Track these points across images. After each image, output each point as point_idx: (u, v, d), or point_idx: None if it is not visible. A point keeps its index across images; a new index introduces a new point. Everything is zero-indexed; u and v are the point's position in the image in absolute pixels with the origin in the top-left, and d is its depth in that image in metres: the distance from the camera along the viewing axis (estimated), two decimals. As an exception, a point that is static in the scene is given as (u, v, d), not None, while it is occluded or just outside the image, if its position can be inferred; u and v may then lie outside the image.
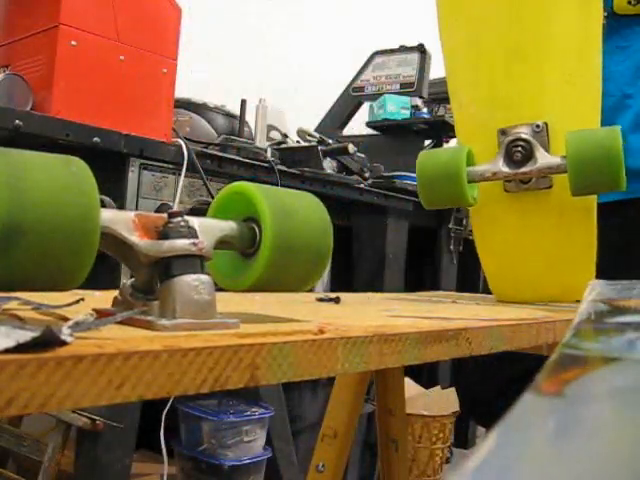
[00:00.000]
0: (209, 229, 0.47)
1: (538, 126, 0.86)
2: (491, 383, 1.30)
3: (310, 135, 2.04)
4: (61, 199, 0.37)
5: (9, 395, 0.28)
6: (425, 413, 2.15)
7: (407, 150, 2.56)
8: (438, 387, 2.29)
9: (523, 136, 0.85)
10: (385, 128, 2.58)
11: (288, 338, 0.40)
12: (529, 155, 0.85)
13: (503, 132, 0.88)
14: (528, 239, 0.91)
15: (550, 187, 0.87)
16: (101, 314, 0.42)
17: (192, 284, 0.43)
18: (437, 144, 2.80)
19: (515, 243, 0.93)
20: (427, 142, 2.74)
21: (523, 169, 0.85)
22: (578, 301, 0.84)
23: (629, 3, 1.11)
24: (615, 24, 1.11)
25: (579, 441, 0.20)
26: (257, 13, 2.76)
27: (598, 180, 0.80)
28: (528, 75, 0.88)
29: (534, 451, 0.19)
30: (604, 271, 0.87)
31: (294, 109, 2.20)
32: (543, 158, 0.85)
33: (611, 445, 0.20)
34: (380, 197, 2.04)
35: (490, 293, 0.99)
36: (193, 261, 0.44)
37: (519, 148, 0.85)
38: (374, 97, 2.65)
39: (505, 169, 0.85)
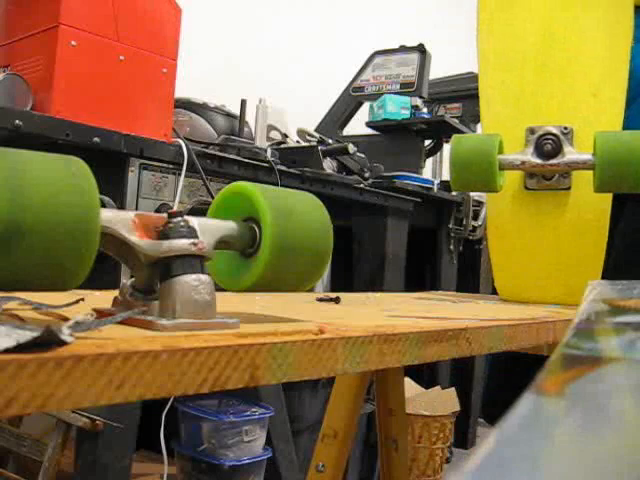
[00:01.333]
0: (209, 229, 0.47)
1: (566, 128, 0.91)
2: (510, 387, 1.30)
3: (310, 135, 2.04)
4: (61, 199, 0.37)
5: (9, 395, 0.28)
6: (425, 413, 2.15)
7: (407, 150, 2.56)
8: (438, 387, 2.29)
9: (553, 131, 0.90)
10: (385, 128, 2.58)
11: (288, 338, 0.40)
12: (558, 149, 0.88)
13: (532, 130, 0.92)
14: (541, 237, 0.93)
15: (569, 188, 0.90)
16: (101, 314, 0.42)
17: (192, 284, 0.43)
18: (437, 144, 2.80)
19: (528, 241, 0.95)
20: (427, 142, 2.74)
21: (552, 161, 0.88)
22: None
23: None
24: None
25: (579, 441, 0.20)
26: (257, 13, 2.76)
27: (623, 178, 0.83)
28: (556, 85, 0.93)
29: (534, 451, 0.19)
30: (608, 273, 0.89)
31: (294, 109, 2.20)
32: (571, 153, 0.89)
33: (611, 445, 0.20)
34: (380, 197, 2.04)
35: (492, 293, 0.99)
36: (193, 261, 0.44)
37: (549, 141, 0.88)
38: (374, 97, 2.65)
39: (535, 159, 0.89)
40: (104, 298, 0.51)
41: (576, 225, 0.91)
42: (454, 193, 2.45)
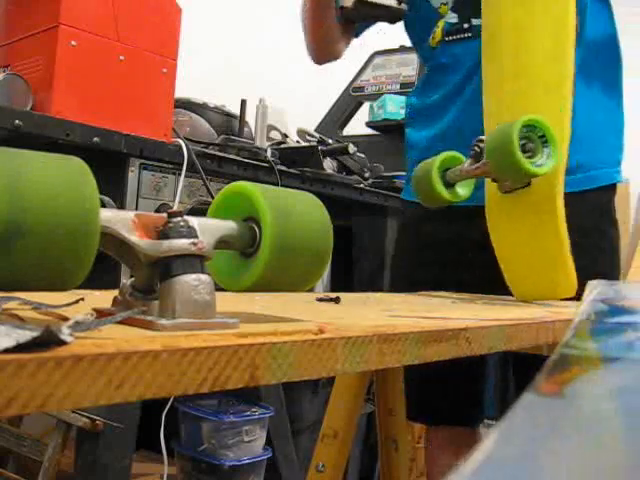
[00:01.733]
0: (209, 229, 0.47)
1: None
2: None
3: (310, 135, 2.04)
4: (61, 199, 0.37)
5: (9, 395, 0.28)
6: (425, 413, 2.14)
7: (407, 150, 2.55)
8: (438, 387, 2.29)
9: (480, 137, 0.90)
10: (385, 128, 2.58)
11: (288, 338, 0.40)
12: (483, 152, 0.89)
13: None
14: (528, 238, 0.94)
15: (529, 185, 0.89)
16: (101, 314, 0.42)
17: (192, 284, 0.43)
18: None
19: (520, 243, 0.96)
20: (427, 142, 2.74)
21: (476, 165, 0.89)
22: (570, 299, 0.86)
23: None
24: None
25: (579, 441, 0.20)
26: (257, 13, 2.76)
27: (505, 166, 0.84)
28: (526, 92, 0.94)
29: (534, 451, 0.19)
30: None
31: (294, 109, 2.20)
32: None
33: (610, 445, 0.19)
34: (380, 197, 2.04)
35: (494, 293, 1.00)
36: (193, 261, 0.44)
37: (475, 147, 0.89)
38: (374, 97, 2.64)
39: (466, 166, 0.90)
40: (104, 298, 0.51)
41: (538, 221, 0.91)
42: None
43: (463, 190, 0.95)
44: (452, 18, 1.17)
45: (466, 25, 1.15)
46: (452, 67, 1.17)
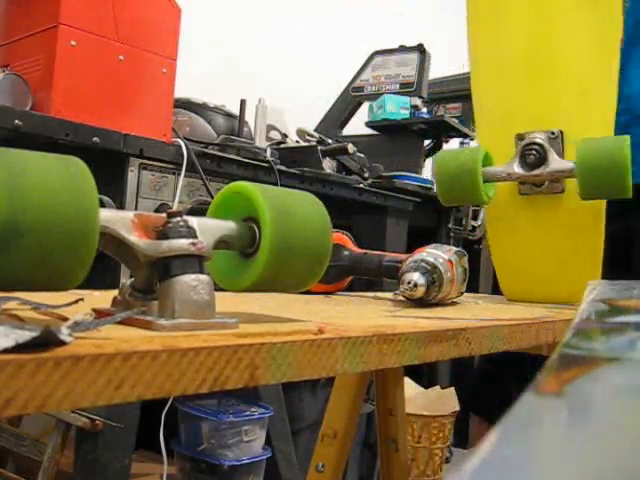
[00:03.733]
0: (208, 229, 0.47)
1: (553, 133, 0.90)
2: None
3: (310, 135, 2.04)
4: (60, 199, 0.37)
5: (8, 395, 0.28)
6: (425, 413, 2.15)
7: (407, 150, 2.55)
8: (438, 387, 2.29)
9: (538, 140, 0.89)
10: (385, 128, 2.58)
11: (287, 338, 0.40)
12: (543, 159, 0.89)
13: (520, 137, 0.92)
14: (539, 240, 0.94)
15: (562, 192, 0.90)
16: (100, 314, 0.42)
17: (191, 284, 0.43)
18: (437, 144, 2.80)
19: (526, 244, 0.95)
20: (427, 142, 2.74)
21: (536, 171, 0.88)
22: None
23: None
24: None
25: (579, 441, 0.20)
26: (257, 13, 2.76)
27: (605, 185, 0.83)
28: (545, 87, 0.92)
29: (534, 451, 0.19)
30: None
31: (294, 109, 2.20)
32: (555, 162, 0.89)
33: (611, 445, 0.19)
34: (380, 197, 2.04)
35: (493, 293, 1.00)
36: (192, 261, 0.44)
37: (533, 151, 0.88)
38: (374, 97, 2.64)
39: (519, 170, 0.89)
40: (103, 298, 0.51)
41: (571, 226, 0.91)
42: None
43: (490, 192, 0.94)
44: None
45: None
46: None
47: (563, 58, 0.91)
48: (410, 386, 2.12)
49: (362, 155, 2.05)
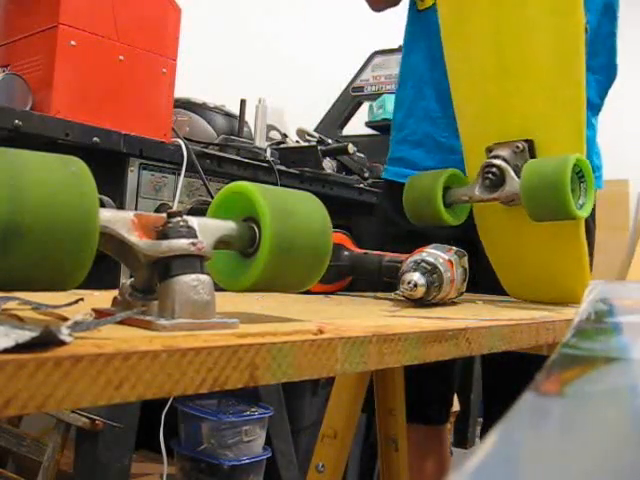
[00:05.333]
0: (208, 229, 0.47)
1: (518, 147, 0.86)
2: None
3: (310, 135, 2.04)
4: (60, 199, 0.37)
5: (8, 395, 0.28)
6: (425, 413, 2.14)
7: (407, 150, 2.55)
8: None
9: (495, 162, 0.86)
10: (385, 128, 2.58)
11: (287, 338, 0.40)
12: (501, 180, 0.86)
13: (489, 150, 0.89)
14: (525, 246, 0.93)
15: None
16: (100, 314, 0.42)
17: (191, 284, 0.43)
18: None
19: (515, 249, 0.95)
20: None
21: (494, 194, 0.86)
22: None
23: None
24: None
25: (579, 441, 0.20)
26: (257, 13, 2.76)
27: (548, 210, 0.80)
28: (515, 92, 0.89)
29: (534, 451, 0.19)
30: None
31: (294, 109, 2.20)
32: (511, 185, 0.85)
33: (610, 445, 0.19)
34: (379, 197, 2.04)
35: (493, 293, 1.00)
36: (192, 261, 0.44)
37: (489, 175, 0.86)
38: (374, 97, 2.64)
39: (479, 193, 0.87)
40: (103, 298, 0.51)
41: (551, 232, 0.89)
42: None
43: (461, 212, 0.93)
44: None
45: None
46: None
47: (528, 63, 0.88)
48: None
49: (362, 155, 2.05)
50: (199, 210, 1.37)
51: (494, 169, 0.86)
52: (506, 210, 0.91)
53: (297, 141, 2.01)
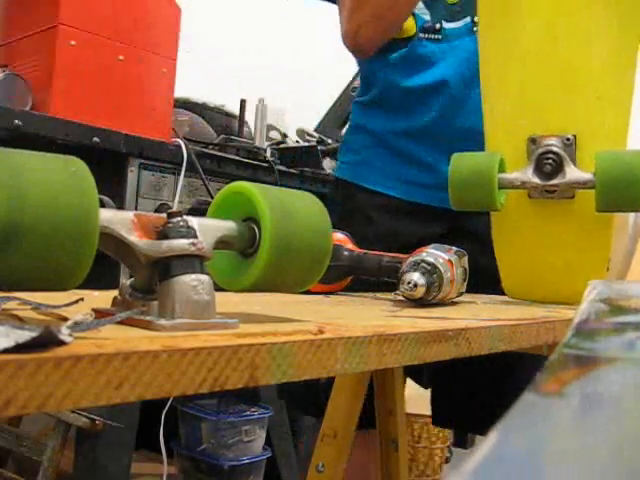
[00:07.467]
0: (208, 229, 0.47)
1: (568, 139, 0.88)
2: None
3: (310, 135, 2.04)
4: (60, 199, 0.37)
5: (8, 395, 0.28)
6: (425, 413, 2.15)
7: (407, 150, 2.55)
8: (438, 387, 2.28)
9: (554, 149, 0.87)
10: (385, 128, 2.57)
11: (287, 338, 0.40)
12: (559, 168, 0.87)
13: (533, 141, 0.90)
14: (547, 244, 0.93)
15: (573, 197, 0.89)
16: (100, 314, 0.42)
17: (191, 284, 0.43)
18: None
19: (533, 247, 0.94)
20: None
21: (552, 181, 0.87)
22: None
23: None
24: None
25: (579, 441, 0.20)
26: (257, 13, 2.76)
27: (623, 200, 0.83)
28: (558, 89, 0.90)
29: (534, 451, 0.19)
30: None
31: (294, 109, 2.20)
32: (572, 172, 0.87)
33: (611, 445, 0.19)
34: (380, 197, 2.03)
35: (493, 293, 0.99)
36: (192, 261, 0.44)
37: (550, 160, 0.87)
38: (374, 97, 2.64)
39: (535, 179, 0.88)
40: (103, 298, 0.51)
41: (580, 231, 0.90)
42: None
43: (502, 198, 0.91)
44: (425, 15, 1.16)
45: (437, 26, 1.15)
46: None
47: (580, 60, 0.89)
48: (410, 386, 2.12)
49: (362, 155, 2.05)
50: (199, 210, 1.37)
51: (553, 156, 0.86)
52: (531, 207, 0.91)
53: (297, 141, 2.01)
